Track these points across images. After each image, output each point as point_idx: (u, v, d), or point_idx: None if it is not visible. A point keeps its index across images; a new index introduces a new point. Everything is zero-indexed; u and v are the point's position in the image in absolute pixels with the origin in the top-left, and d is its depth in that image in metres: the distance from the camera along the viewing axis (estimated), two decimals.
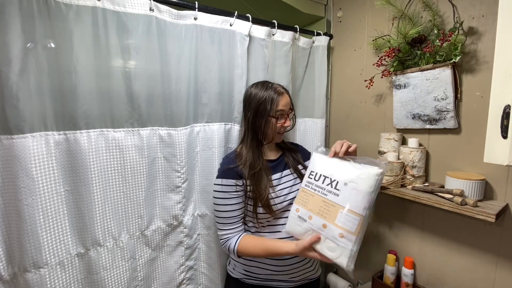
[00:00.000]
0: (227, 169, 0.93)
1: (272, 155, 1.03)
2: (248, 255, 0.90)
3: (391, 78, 1.13)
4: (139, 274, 0.99)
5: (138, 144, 0.94)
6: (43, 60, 0.76)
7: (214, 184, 0.94)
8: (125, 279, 0.95)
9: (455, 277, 1.02)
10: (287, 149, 1.07)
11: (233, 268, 1.02)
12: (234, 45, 1.09)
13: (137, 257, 0.98)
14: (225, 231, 0.92)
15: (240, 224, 0.94)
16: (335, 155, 0.84)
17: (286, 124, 0.97)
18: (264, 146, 1.00)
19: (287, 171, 1.00)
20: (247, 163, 0.93)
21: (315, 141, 1.38)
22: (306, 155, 1.10)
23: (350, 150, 0.85)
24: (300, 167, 1.03)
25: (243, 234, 0.93)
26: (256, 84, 1.00)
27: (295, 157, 1.06)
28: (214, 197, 0.93)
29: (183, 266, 1.10)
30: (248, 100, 0.98)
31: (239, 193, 0.92)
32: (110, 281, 0.92)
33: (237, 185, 0.92)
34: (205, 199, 1.10)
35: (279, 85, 0.99)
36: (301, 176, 1.00)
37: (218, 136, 1.09)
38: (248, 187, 0.92)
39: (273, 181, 0.95)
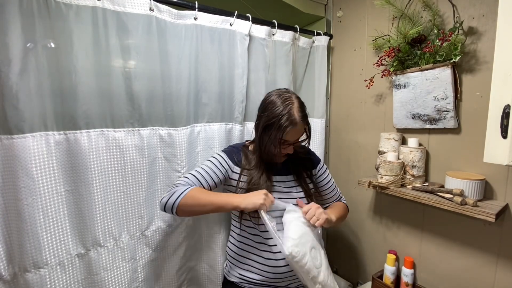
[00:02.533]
0: (230, 151, 0.96)
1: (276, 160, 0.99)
2: (191, 202, 0.80)
3: (391, 78, 1.13)
4: (139, 275, 0.99)
5: (139, 144, 0.94)
6: (43, 60, 0.76)
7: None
8: (126, 280, 0.95)
9: (455, 277, 1.02)
10: (295, 156, 0.99)
11: (229, 271, 1.01)
12: (234, 45, 1.09)
13: (137, 258, 0.98)
14: (185, 180, 0.87)
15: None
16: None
17: (287, 151, 0.90)
18: None
19: (290, 177, 0.98)
20: (251, 165, 0.92)
21: (315, 140, 1.38)
22: (315, 162, 1.05)
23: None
24: (304, 175, 1.00)
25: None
26: (279, 95, 0.87)
27: (301, 165, 1.00)
28: (209, 159, 0.96)
29: (184, 267, 1.10)
30: (263, 108, 0.88)
31: (223, 168, 0.93)
32: (110, 282, 0.92)
33: (227, 164, 0.93)
34: None
35: (300, 107, 0.85)
36: (301, 185, 0.97)
37: (218, 136, 1.09)
38: (243, 177, 0.92)
39: (273, 182, 0.94)
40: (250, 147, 0.99)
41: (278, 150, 0.87)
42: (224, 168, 0.93)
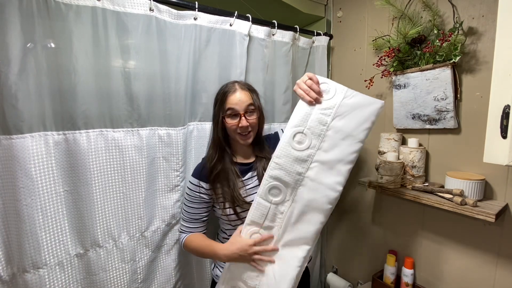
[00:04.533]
0: (198, 170, 0.93)
1: (244, 159, 0.96)
2: (192, 249, 0.93)
3: (391, 78, 1.13)
4: (139, 276, 0.99)
5: (138, 144, 0.94)
6: (43, 60, 0.76)
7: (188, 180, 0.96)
8: (125, 280, 0.95)
9: (455, 277, 1.02)
10: (261, 156, 0.96)
11: (216, 274, 0.98)
12: (233, 45, 1.09)
13: (137, 259, 0.98)
14: (183, 226, 0.96)
15: (198, 225, 0.95)
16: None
17: (241, 124, 0.86)
18: (235, 149, 0.96)
19: (254, 173, 0.94)
20: (212, 166, 0.90)
21: None
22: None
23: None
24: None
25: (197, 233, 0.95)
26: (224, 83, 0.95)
27: (265, 165, 0.92)
28: (185, 191, 0.96)
29: (181, 263, 1.09)
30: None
31: (202, 196, 0.91)
32: (110, 282, 0.92)
33: (201, 187, 0.90)
34: None
35: (241, 82, 0.93)
36: (259, 179, 0.92)
37: (209, 135, 1.08)
38: (218, 190, 0.89)
39: (244, 181, 0.92)
40: (211, 150, 0.95)
41: (228, 125, 0.88)
42: (199, 192, 0.91)
